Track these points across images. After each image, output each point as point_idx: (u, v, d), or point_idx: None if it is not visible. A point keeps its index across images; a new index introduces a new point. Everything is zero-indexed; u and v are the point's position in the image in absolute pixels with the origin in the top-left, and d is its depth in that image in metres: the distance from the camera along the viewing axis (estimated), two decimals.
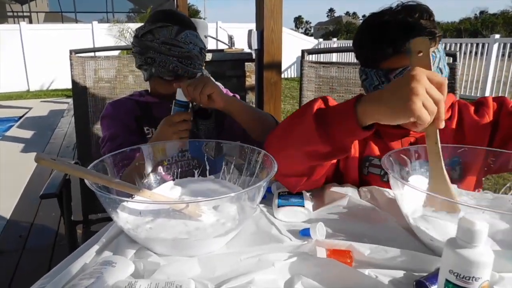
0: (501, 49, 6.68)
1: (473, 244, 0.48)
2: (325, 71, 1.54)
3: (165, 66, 1.11)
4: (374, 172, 1.00)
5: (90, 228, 1.60)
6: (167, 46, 1.10)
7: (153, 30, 1.12)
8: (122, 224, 0.66)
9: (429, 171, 0.71)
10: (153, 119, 1.18)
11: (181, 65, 1.12)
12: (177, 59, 1.11)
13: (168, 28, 1.11)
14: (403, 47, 0.84)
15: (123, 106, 1.19)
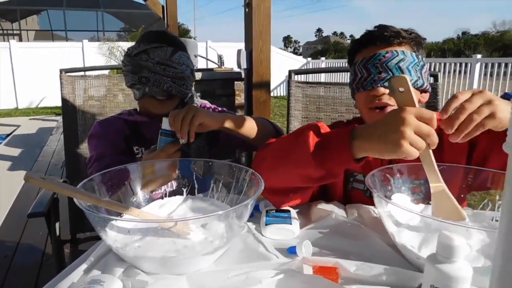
0: (483, 69, 6.87)
1: (452, 259, 0.50)
2: (312, 90, 1.57)
3: (159, 86, 1.11)
4: (357, 188, 1.03)
5: (78, 247, 1.59)
6: (161, 66, 1.11)
7: (148, 50, 1.13)
8: (110, 242, 0.67)
9: (431, 189, 0.73)
10: (142, 138, 1.19)
11: (175, 85, 1.13)
12: (171, 79, 1.12)
13: (163, 49, 1.12)
14: (370, 42, 0.96)
15: (112, 125, 1.20)
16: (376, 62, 0.93)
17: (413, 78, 0.92)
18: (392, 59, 0.92)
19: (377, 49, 0.95)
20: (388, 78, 0.92)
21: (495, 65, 6.71)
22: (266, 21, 2.37)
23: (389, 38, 0.94)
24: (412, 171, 0.86)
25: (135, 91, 1.17)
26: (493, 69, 6.70)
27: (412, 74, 0.92)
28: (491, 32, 42.63)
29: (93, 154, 1.15)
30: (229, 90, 3.40)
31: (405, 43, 0.95)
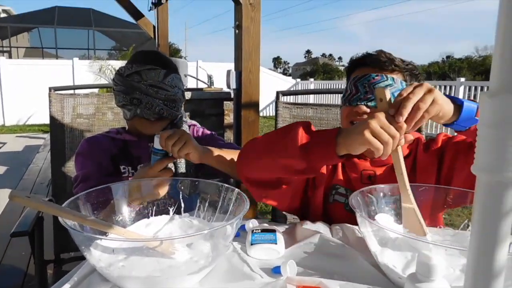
0: (467, 92, 7.06)
1: (430, 278, 0.52)
2: (299, 111, 1.60)
3: (151, 108, 1.12)
4: (338, 200, 1.08)
5: (61, 267, 1.56)
6: (154, 89, 1.11)
7: (141, 72, 1.12)
8: (94, 262, 0.66)
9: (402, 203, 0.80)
10: (130, 157, 1.19)
11: (166, 107, 1.13)
12: (162, 101, 1.13)
13: (156, 71, 1.13)
14: (366, 63, 1.03)
15: (99, 143, 1.19)
16: (365, 82, 0.99)
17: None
18: (380, 82, 0.97)
19: (371, 70, 1.00)
20: (372, 99, 0.97)
21: (478, 88, 6.92)
22: (256, 42, 2.41)
23: (383, 63, 0.99)
24: (395, 191, 0.88)
25: (126, 111, 1.17)
26: (476, 92, 6.90)
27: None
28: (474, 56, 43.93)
29: (78, 174, 1.14)
30: (219, 110, 3.42)
31: (398, 71, 1.00)
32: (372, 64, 1.00)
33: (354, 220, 0.96)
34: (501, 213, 0.31)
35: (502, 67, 0.30)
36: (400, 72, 1.00)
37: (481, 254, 0.32)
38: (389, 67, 0.99)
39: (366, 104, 0.99)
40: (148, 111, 1.12)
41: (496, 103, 0.31)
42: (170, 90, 1.14)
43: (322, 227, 0.95)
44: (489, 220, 0.32)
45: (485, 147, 0.32)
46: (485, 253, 0.32)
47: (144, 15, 5.15)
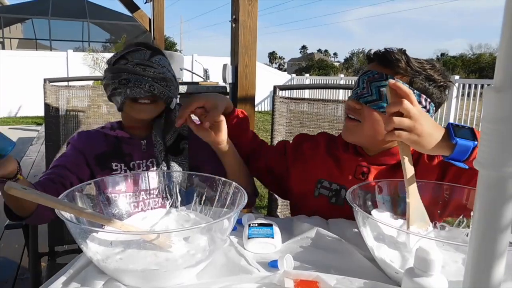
0: (461, 90, 7.09)
1: (428, 272, 0.52)
2: (296, 106, 1.60)
3: (140, 85, 1.07)
4: (323, 194, 1.08)
5: (55, 260, 1.55)
6: (141, 67, 1.09)
7: (126, 55, 1.11)
8: (91, 254, 0.66)
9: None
10: (122, 154, 1.16)
11: (157, 85, 1.09)
12: (152, 79, 1.09)
13: (141, 51, 1.11)
14: (375, 59, 1.01)
15: (92, 139, 1.17)
16: (365, 78, 0.99)
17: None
18: (378, 80, 0.96)
19: (377, 67, 0.99)
20: (365, 96, 0.98)
21: (472, 86, 6.94)
22: (252, 37, 2.40)
23: (388, 62, 0.96)
24: (391, 187, 0.88)
25: (117, 98, 1.13)
26: (470, 90, 6.93)
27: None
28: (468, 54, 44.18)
29: (61, 160, 1.13)
30: None
31: (401, 74, 0.96)
32: (379, 61, 0.99)
33: (338, 213, 1.00)
34: (502, 208, 0.31)
35: (506, 63, 0.30)
36: (406, 75, 0.96)
37: (481, 249, 0.32)
38: (392, 67, 0.96)
39: (358, 100, 0.98)
40: (137, 89, 1.07)
41: (499, 99, 0.31)
42: (158, 68, 1.11)
43: (319, 221, 0.95)
44: (490, 215, 0.32)
45: (487, 142, 0.32)
46: (486, 248, 0.32)
47: (140, 8, 5.11)
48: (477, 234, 0.32)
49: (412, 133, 0.76)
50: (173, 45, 27.72)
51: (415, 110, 0.76)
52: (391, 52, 0.97)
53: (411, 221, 0.79)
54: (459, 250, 0.71)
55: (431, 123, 0.78)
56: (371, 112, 0.97)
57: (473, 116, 6.84)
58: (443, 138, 0.78)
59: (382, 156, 1.04)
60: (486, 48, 48.74)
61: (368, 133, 0.99)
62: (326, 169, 1.10)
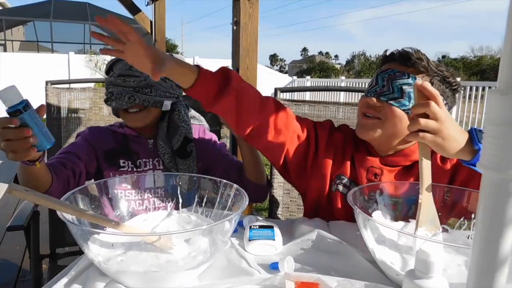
0: (462, 92, 7.08)
1: (429, 274, 0.52)
2: (297, 108, 1.60)
3: (120, 97, 1.10)
4: (340, 191, 1.05)
5: (57, 262, 1.55)
6: (121, 78, 1.11)
7: (112, 65, 1.16)
8: (92, 256, 0.66)
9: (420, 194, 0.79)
10: (129, 152, 1.19)
11: (138, 94, 1.10)
12: (133, 89, 1.11)
13: (122, 61, 1.14)
14: (395, 58, 0.99)
15: (101, 133, 1.20)
16: (385, 76, 0.97)
17: (411, 106, 0.92)
18: (399, 79, 0.95)
19: (397, 66, 0.97)
20: (386, 93, 0.95)
21: (473, 88, 6.93)
22: (254, 39, 2.40)
23: (409, 61, 0.96)
24: (393, 189, 0.88)
25: (111, 108, 1.21)
26: (472, 92, 6.92)
27: (411, 101, 0.94)
28: (469, 56, 44.20)
29: (69, 148, 1.14)
30: None
31: (424, 73, 0.96)
32: (400, 60, 0.98)
33: (348, 211, 0.95)
34: (506, 211, 0.31)
35: (510, 65, 0.30)
36: (427, 75, 0.96)
37: (485, 251, 0.32)
38: (415, 66, 0.95)
39: (378, 98, 0.96)
40: (119, 101, 1.11)
41: (504, 101, 0.31)
42: (140, 75, 1.12)
43: (319, 223, 0.95)
44: (494, 218, 0.32)
45: (491, 145, 0.32)
46: (490, 250, 0.32)
47: (141, 10, 5.12)
48: (481, 237, 0.32)
49: (437, 136, 0.74)
50: (174, 48, 27.77)
51: (442, 112, 0.74)
52: (412, 51, 0.97)
53: (420, 222, 0.78)
54: (460, 253, 0.71)
55: (456, 127, 0.76)
56: (393, 109, 0.94)
57: (474, 118, 6.83)
58: (466, 143, 0.77)
59: (395, 157, 1.02)
60: (487, 50, 48.75)
61: (388, 131, 0.96)
62: (348, 166, 1.06)
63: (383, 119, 0.96)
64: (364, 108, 1.00)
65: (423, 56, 0.96)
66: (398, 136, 0.97)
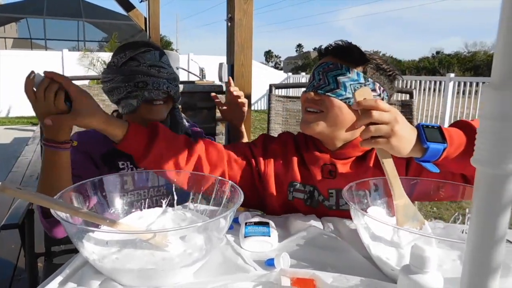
0: (456, 87, 7.11)
1: (424, 269, 0.52)
2: (292, 104, 1.60)
3: (158, 88, 1.10)
4: (298, 197, 1.06)
5: (52, 260, 1.55)
6: (156, 68, 1.11)
7: (136, 57, 1.11)
8: (87, 254, 0.66)
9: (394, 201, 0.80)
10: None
11: (171, 85, 1.13)
12: (166, 80, 1.12)
13: (151, 52, 1.12)
14: (329, 52, 1.02)
15: (90, 137, 1.14)
16: (320, 69, 1.00)
17: (348, 95, 0.96)
18: (333, 70, 0.98)
19: (332, 59, 1.00)
20: (323, 86, 0.98)
21: (467, 84, 6.97)
22: (248, 35, 2.40)
23: (341, 53, 0.99)
24: (387, 184, 0.88)
25: (131, 101, 1.11)
26: (465, 87, 6.95)
27: (347, 90, 0.96)
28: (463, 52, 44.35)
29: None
30: (210, 103, 3.39)
31: (356, 63, 0.98)
32: (333, 53, 1.01)
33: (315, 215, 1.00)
34: (500, 205, 0.31)
35: (504, 60, 0.30)
36: (359, 64, 0.99)
37: (480, 245, 0.32)
38: (347, 57, 0.98)
39: (316, 92, 0.99)
40: (156, 91, 1.10)
41: (497, 96, 0.31)
42: (169, 69, 1.14)
43: (314, 220, 0.95)
44: (488, 212, 0.32)
45: (485, 140, 0.32)
46: (484, 244, 0.32)
47: (135, 7, 5.09)
48: (475, 231, 0.32)
49: (391, 138, 0.75)
50: (169, 44, 27.64)
51: (389, 115, 0.75)
52: (343, 43, 1.01)
53: (401, 222, 0.80)
54: (454, 248, 0.71)
55: (407, 127, 0.77)
56: (331, 100, 0.97)
57: (468, 114, 6.86)
58: (415, 141, 0.77)
59: (345, 149, 1.03)
60: (481, 46, 48.91)
61: (331, 122, 0.98)
62: (297, 171, 1.06)
63: (324, 111, 0.98)
64: (306, 104, 1.03)
65: (354, 47, 1.00)
66: (342, 125, 0.99)
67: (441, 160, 0.78)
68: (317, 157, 1.04)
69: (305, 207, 1.05)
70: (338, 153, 1.03)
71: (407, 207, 0.80)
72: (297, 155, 1.08)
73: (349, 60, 0.98)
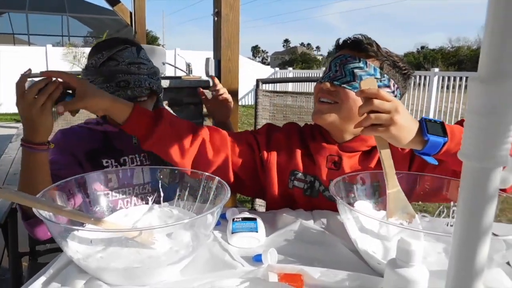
0: (441, 82, 7.21)
1: (410, 263, 0.52)
2: (279, 99, 1.59)
3: (141, 85, 1.09)
4: (298, 186, 1.07)
5: (37, 260, 1.52)
6: (135, 66, 1.09)
7: (114, 56, 1.09)
8: (71, 253, 0.65)
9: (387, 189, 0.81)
10: (112, 150, 1.12)
11: (153, 80, 1.12)
12: (147, 76, 1.11)
13: (128, 49, 1.10)
14: (347, 45, 1.03)
15: (74, 134, 1.12)
16: (337, 61, 1.01)
17: None
18: (350, 63, 0.98)
19: (349, 52, 1.01)
20: (339, 78, 0.98)
21: (451, 78, 7.06)
22: (235, 30, 2.38)
23: (360, 46, 0.99)
24: (375, 179, 0.89)
25: None
26: (450, 82, 7.04)
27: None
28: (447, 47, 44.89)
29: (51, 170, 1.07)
30: (197, 99, 3.36)
31: (374, 58, 0.99)
32: (351, 46, 1.01)
33: (312, 205, 1.02)
34: (486, 198, 0.31)
35: (490, 53, 0.30)
36: (377, 59, 1.00)
37: (466, 238, 0.32)
38: (365, 51, 0.99)
39: (332, 83, 0.99)
40: (138, 88, 1.09)
41: (484, 90, 0.31)
42: (148, 64, 1.13)
43: (303, 214, 0.95)
44: (474, 205, 0.32)
45: (472, 134, 0.32)
46: (470, 236, 0.32)
47: (121, 1, 5.02)
48: (461, 225, 0.32)
49: (390, 127, 0.76)
50: (155, 40, 27.36)
51: (391, 104, 0.76)
52: (362, 37, 1.01)
53: (390, 213, 0.81)
54: (440, 240, 0.72)
55: (408, 117, 0.78)
56: (346, 92, 0.97)
57: (452, 108, 6.96)
58: (416, 133, 0.79)
59: (353, 142, 1.03)
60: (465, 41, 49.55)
61: (344, 114, 0.99)
62: (300, 160, 1.07)
63: (339, 102, 0.99)
64: (319, 94, 1.03)
65: (373, 42, 1.01)
66: (353, 119, 0.98)
67: (441, 154, 0.79)
68: (323, 147, 1.05)
69: (304, 197, 1.06)
70: (345, 146, 1.04)
71: (398, 198, 0.81)
72: (301, 145, 1.09)
73: (367, 54, 0.99)
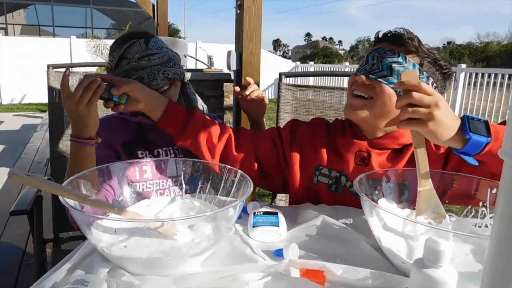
0: (467, 78, 6.99)
1: (438, 264, 0.51)
2: (302, 93, 1.58)
3: (155, 78, 1.07)
4: (322, 181, 1.05)
5: (60, 247, 1.56)
6: (145, 59, 1.07)
7: (124, 54, 1.08)
8: (95, 242, 0.66)
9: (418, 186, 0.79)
10: (146, 141, 1.13)
11: (168, 68, 1.09)
12: (160, 65, 1.08)
13: (135, 43, 1.08)
14: (387, 38, 0.98)
15: (111, 125, 1.13)
16: (375, 54, 0.96)
17: None
18: (389, 57, 0.94)
19: (389, 45, 0.96)
20: (376, 71, 0.94)
21: (478, 75, 6.84)
22: (257, 23, 2.36)
23: (401, 41, 0.95)
24: (399, 176, 0.87)
25: None
26: (477, 79, 6.83)
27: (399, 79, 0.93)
28: (475, 43, 43.59)
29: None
30: (218, 92, 3.38)
31: (414, 53, 0.95)
32: (391, 40, 0.97)
33: (337, 201, 1.00)
34: None
35: None
36: (417, 55, 0.95)
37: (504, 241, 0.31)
38: (405, 45, 0.94)
39: (368, 76, 0.95)
40: (154, 81, 1.07)
41: None
42: (160, 52, 1.09)
43: (325, 209, 0.94)
44: None
45: None
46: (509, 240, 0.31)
47: None
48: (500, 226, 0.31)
49: (429, 122, 0.72)
50: (177, 32, 27.53)
51: (431, 98, 0.72)
52: (406, 31, 0.96)
53: (419, 210, 0.78)
54: (468, 242, 0.70)
55: (449, 113, 0.74)
56: (382, 87, 0.93)
57: (479, 106, 6.76)
58: (457, 130, 0.74)
59: (384, 139, 1.00)
60: (494, 36, 47.98)
61: (379, 109, 0.95)
62: (325, 155, 1.05)
63: (374, 97, 0.95)
64: (353, 87, 0.99)
65: (414, 37, 0.95)
66: (387, 116, 0.96)
67: (482, 155, 0.74)
68: (353, 143, 1.02)
69: (328, 193, 1.04)
70: (376, 142, 1.01)
71: (430, 196, 0.78)
72: (327, 140, 1.07)
73: (407, 49, 0.94)
